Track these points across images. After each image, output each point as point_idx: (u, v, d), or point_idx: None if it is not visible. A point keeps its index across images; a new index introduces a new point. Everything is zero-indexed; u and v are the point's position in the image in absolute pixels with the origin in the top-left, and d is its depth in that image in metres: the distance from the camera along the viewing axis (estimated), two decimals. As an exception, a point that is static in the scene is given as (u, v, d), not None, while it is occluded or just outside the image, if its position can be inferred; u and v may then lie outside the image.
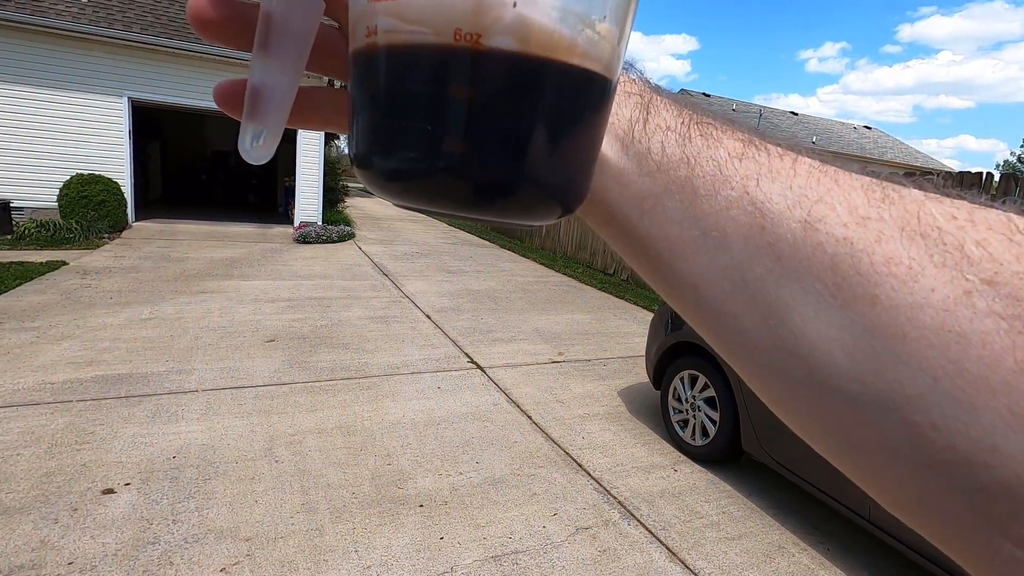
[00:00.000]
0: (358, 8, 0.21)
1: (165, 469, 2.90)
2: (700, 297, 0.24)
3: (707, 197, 0.23)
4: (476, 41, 0.18)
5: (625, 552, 2.62)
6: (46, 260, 7.26)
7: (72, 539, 2.34)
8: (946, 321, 0.18)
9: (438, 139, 0.19)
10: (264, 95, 0.25)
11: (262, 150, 0.26)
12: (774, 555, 2.71)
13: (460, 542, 2.56)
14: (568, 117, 0.20)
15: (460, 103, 0.19)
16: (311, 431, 3.44)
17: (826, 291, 0.20)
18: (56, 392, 3.64)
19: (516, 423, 3.82)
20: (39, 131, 9.56)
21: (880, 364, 0.19)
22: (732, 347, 0.24)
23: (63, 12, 9.38)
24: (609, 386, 4.66)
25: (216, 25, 0.24)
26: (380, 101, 0.20)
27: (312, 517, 2.63)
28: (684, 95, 0.28)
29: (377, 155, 0.21)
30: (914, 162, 26.05)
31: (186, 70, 10.35)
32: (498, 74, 0.19)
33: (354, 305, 6.45)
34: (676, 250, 0.24)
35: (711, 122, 0.25)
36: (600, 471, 3.31)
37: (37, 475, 2.75)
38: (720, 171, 0.24)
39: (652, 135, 0.25)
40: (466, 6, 0.18)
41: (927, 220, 0.20)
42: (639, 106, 0.26)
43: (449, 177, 0.20)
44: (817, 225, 0.21)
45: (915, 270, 0.19)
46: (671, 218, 0.24)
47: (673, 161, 0.24)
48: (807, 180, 0.22)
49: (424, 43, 0.19)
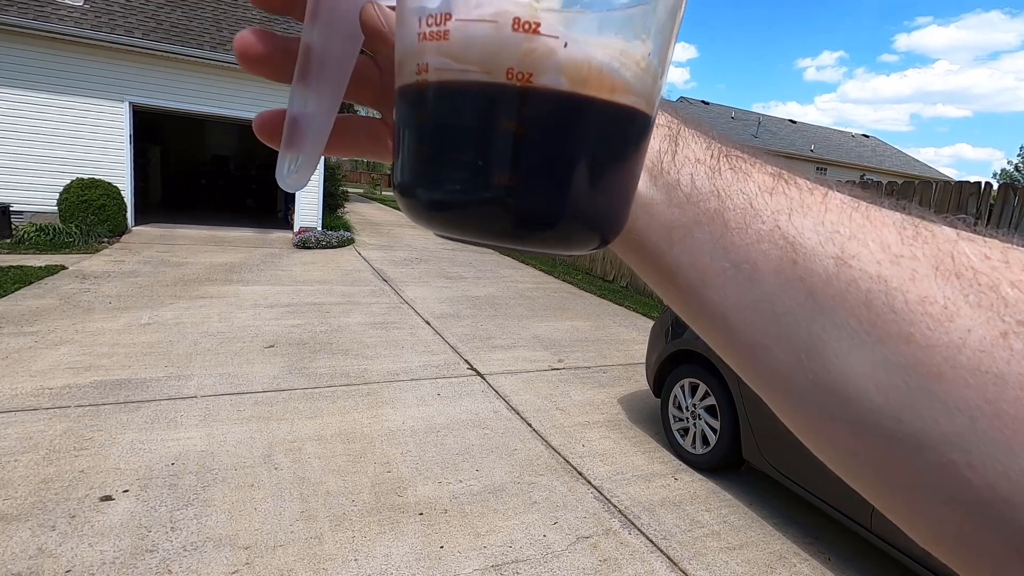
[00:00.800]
0: (407, 45, 0.21)
1: (164, 476, 2.89)
2: (730, 328, 0.24)
3: (738, 230, 0.24)
4: (527, 80, 0.19)
5: (626, 562, 2.60)
6: (45, 264, 7.24)
7: (70, 547, 2.32)
8: (983, 362, 0.18)
9: (487, 173, 0.20)
10: (302, 125, 0.26)
11: (298, 178, 0.27)
12: (775, 565, 2.70)
13: (460, 551, 2.55)
14: (612, 152, 0.21)
15: (510, 139, 0.19)
16: (310, 438, 3.43)
17: (860, 328, 0.20)
18: (54, 397, 3.63)
19: (516, 430, 3.81)
20: (40, 135, 9.57)
21: (916, 402, 0.19)
22: (764, 379, 0.24)
23: (65, 17, 9.42)
24: (609, 393, 4.65)
25: (262, 60, 0.25)
26: (430, 135, 0.21)
27: (311, 525, 2.62)
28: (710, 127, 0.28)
29: (424, 186, 0.21)
30: (912, 171, 26.16)
31: (187, 75, 10.38)
32: (548, 112, 0.19)
33: (354, 311, 6.44)
34: (706, 280, 0.24)
35: (740, 155, 0.26)
36: (600, 479, 3.30)
37: (35, 481, 2.73)
38: (751, 204, 0.24)
39: (681, 167, 0.25)
40: (518, 47, 0.18)
41: (961, 260, 0.20)
42: (667, 137, 0.26)
43: (495, 209, 0.20)
44: (850, 262, 0.21)
45: (950, 310, 0.19)
46: (701, 249, 0.24)
47: (703, 193, 0.25)
48: (839, 216, 0.23)
49: (476, 81, 0.19)
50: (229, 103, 10.86)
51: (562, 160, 0.20)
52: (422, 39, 0.20)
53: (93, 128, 9.93)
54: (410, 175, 0.22)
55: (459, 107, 0.20)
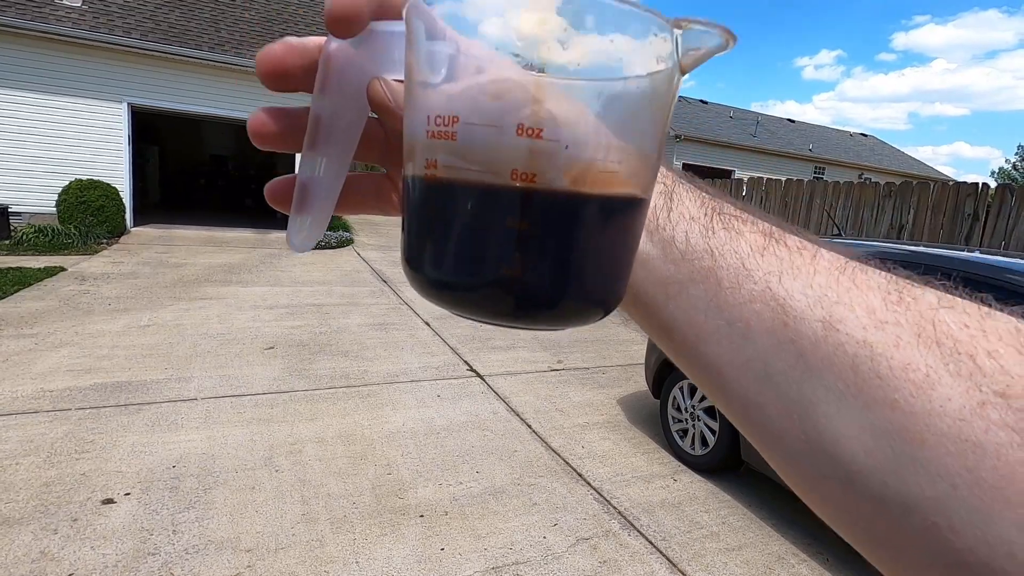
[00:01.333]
0: (416, 138, 0.22)
1: (165, 479, 2.90)
2: (726, 384, 0.25)
3: (731, 289, 0.24)
4: (531, 180, 0.20)
5: (626, 563, 2.62)
6: (44, 266, 7.24)
7: (72, 550, 2.33)
8: (963, 430, 0.19)
9: (493, 264, 0.21)
10: (311, 189, 0.27)
11: (309, 240, 0.28)
12: (774, 566, 2.71)
13: (461, 553, 2.56)
14: (610, 237, 0.22)
15: (514, 234, 0.20)
16: (311, 440, 3.44)
17: (847, 391, 0.21)
18: (55, 400, 3.64)
19: (516, 432, 3.82)
20: (38, 136, 9.56)
21: (900, 466, 0.20)
22: (759, 435, 0.25)
23: (63, 18, 9.41)
24: (608, 394, 4.66)
25: (275, 137, 0.26)
26: (438, 224, 0.22)
27: (313, 527, 2.63)
28: (707, 184, 0.29)
29: (431, 268, 0.22)
30: (910, 170, 26.20)
31: (185, 76, 10.38)
32: (550, 209, 0.20)
33: (353, 312, 6.45)
34: (702, 336, 0.25)
35: (733, 213, 0.27)
36: (600, 481, 3.31)
37: (36, 484, 2.74)
38: (743, 264, 0.25)
39: (676, 224, 0.26)
40: (522, 150, 0.19)
41: (942, 328, 0.21)
42: (663, 194, 0.27)
43: (501, 295, 0.21)
44: (838, 326, 0.22)
45: (932, 378, 0.20)
46: (696, 306, 0.25)
47: (697, 251, 0.26)
48: (827, 279, 0.23)
49: (482, 181, 0.20)
50: (227, 103, 10.86)
51: (563, 251, 0.21)
52: (430, 136, 0.21)
53: (91, 129, 9.93)
54: (418, 256, 0.23)
55: (466, 202, 0.21)
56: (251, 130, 0.26)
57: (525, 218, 0.20)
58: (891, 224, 5.83)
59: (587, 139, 0.20)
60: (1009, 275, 2.47)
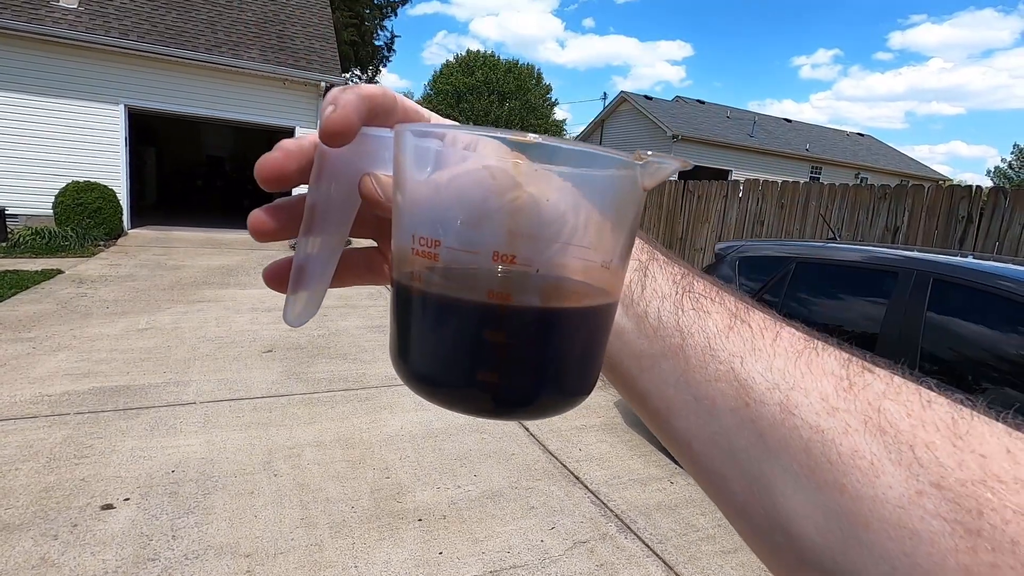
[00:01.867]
0: (402, 251, 0.24)
1: (164, 484, 2.91)
2: (694, 455, 0.27)
3: (698, 367, 0.26)
4: (506, 299, 0.22)
5: (623, 566, 2.64)
6: (41, 268, 7.24)
7: (72, 556, 2.35)
8: (902, 517, 0.21)
9: (471, 370, 0.23)
10: (307, 270, 0.29)
11: (304, 316, 0.30)
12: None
13: (459, 557, 2.58)
14: (583, 341, 0.24)
15: (491, 346, 0.22)
16: (310, 444, 3.46)
17: (802, 472, 0.23)
18: (54, 405, 3.64)
19: (513, 435, 3.84)
20: (35, 138, 9.55)
21: (848, 547, 0.22)
22: (723, 505, 0.27)
23: (60, 20, 9.39)
24: (605, 397, 4.69)
25: (274, 233, 0.29)
26: (420, 330, 0.24)
27: (311, 532, 2.64)
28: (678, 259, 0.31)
29: (413, 364, 0.25)
30: (906, 169, 26.28)
31: (182, 78, 10.37)
32: (524, 322, 0.22)
33: (351, 314, 6.46)
34: (672, 409, 0.27)
35: (702, 292, 0.28)
36: (597, 484, 3.33)
37: (36, 490, 2.75)
38: (709, 344, 0.26)
39: (649, 301, 0.28)
40: (497, 274, 0.22)
41: (885, 417, 0.23)
42: (638, 270, 0.29)
43: (479, 395, 0.23)
44: (793, 411, 0.24)
45: (876, 466, 0.22)
46: (666, 380, 0.27)
47: (668, 328, 0.27)
48: (785, 363, 0.25)
49: (461, 298, 0.23)
50: (224, 105, 10.85)
51: (537, 357, 0.23)
52: (415, 254, 0.23)
53: (88, 131, 9.92)
54: (403, 352, 0.25)
55: (447, 313, 0.23)
56: (251, 228, 0.29)
57: (500, 330, 0.22)
58: (886, 226, 5.87)
59: (558, 261, 0.22)
60: (1000, 281, 2.50)
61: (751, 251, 3.95)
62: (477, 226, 0.22)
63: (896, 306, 2.81)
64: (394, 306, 0.25)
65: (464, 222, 0.22)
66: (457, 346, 0.23)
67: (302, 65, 11.18)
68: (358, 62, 25.55)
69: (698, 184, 8.47)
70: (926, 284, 2.71)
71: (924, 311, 2.67)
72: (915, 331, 2.68)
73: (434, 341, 0.24)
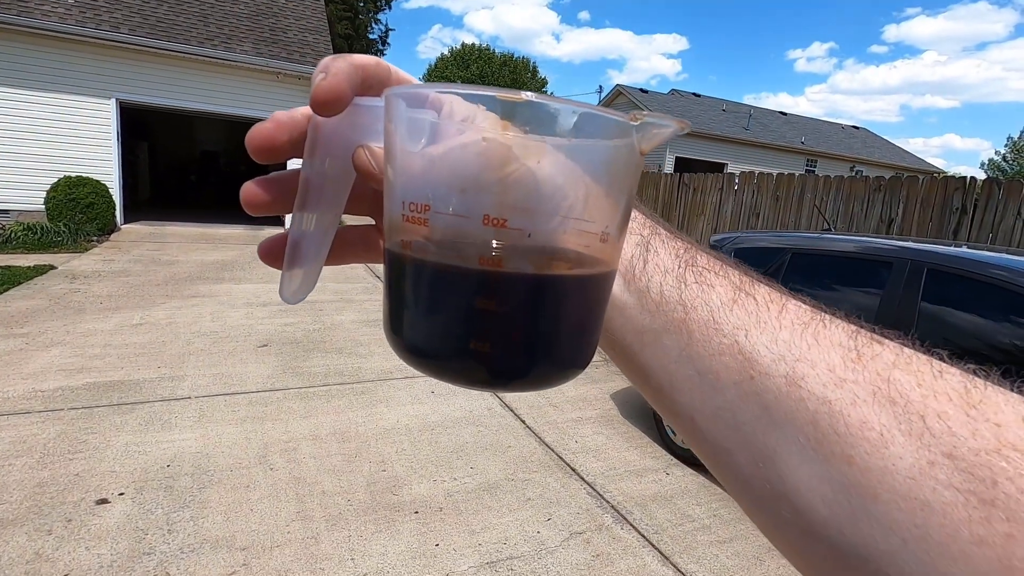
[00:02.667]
0: (393, 219, 0.24)
1: (159, 478, 2.90)
2: (697, 429, 0.26)
3: (702, 341, 0.26)
4: (497, 265, 0.21)
5: (618, 556, 2.65)
6: (34, 264, 7.19)
7: (67, 551, 2.34)
8: (912, 488, 0.20)
9: (463, 339, 0.22)
10: (302, 246, 0.28)
11: (300, 294, 0.30)
12: (764, 557, 2.76)
13: (455, 548, 2.59)
14: (578, 310, 0.24)
15: (482, 313, 0.22)
16: (305, 438, 3.45)
17: (808, 444, 0.22)
18: (47, 400, 3.62)
19: (510, 427, 3.85)
20: (25, 133, 9.45)
21: (855, 519, 0.21)
22: (728, 480, 0.26)
23: (49, 12, 9.28)
24: (601, 389, 4.69)
25: (267, 205, 0.28)
26: (412, 300, 0.24)
27: (308, 525, 2.64)
28: (680, 234, 0.30)
29: (409, 336, 0.24)
30: (901, 162, 26.34)
31: (174, 71, 10.27)
32: (516, 290, 0.22)
33: (347, 309, 6.45)
34: (675, 384, 0.27)
35: (705, 265, 0.28)
36: (593, 475, 3.34)
37: (30, 485, 2.74)
38: (713, 317, 0.26)
39: (651, 276, 0.28)
40: (488, 238, 0.21)
41: (895, 387, 0.22)
42: (639, 245, 0.28)
43: (473, 366, 0.23)
44: (800, 383, 0.23)
45: (885, 437, 0.21)
46: (668, 355, 0.27)
47: (670, 303, 0.27)
48: (791, 335, 0.25)
49: (451, 264, 0.22)
50: (217, 99, 10.77)
51: (531, 326, 0.22)
52: (405, 220, 0.22)
53: (80, 125, 9.82)
54: (396, 323, 0.25)
55: (438, 281, 0.22)
56: (244, 200, 0.28)
57: (492, 298, 0.21)
58: (880, 218, 5.88)
59: (550, 226, 0.22)
60: (993, 270, 2.51)
61: (746, 243, 3.95)
62: (470, 194, 0.21)
63: (890, 296, 2.82)
64: (386, 277, 0.25)
65: (457, 191, 0.22)
66: (448, 315, 0.22)
67: (295, 58, 11.09)
68: (352, 56, 25.34)
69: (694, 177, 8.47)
70: (920, 274, 2.72)
71: (918, 301, 2.68)
72: (909, 321, 2.69)
73: (425, 310, 0.23)
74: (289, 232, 0.28)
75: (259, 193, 0.28)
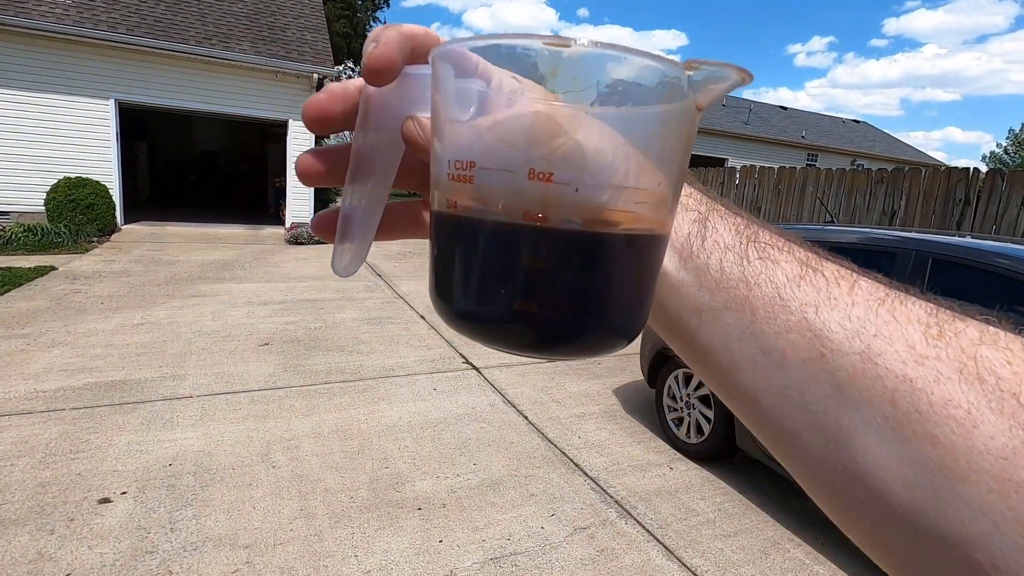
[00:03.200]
0: (439, 179, 0.23)
1: (162, 477, 2.90)
2: (760, 410, 0.25)
3: (766, 319, 0.25)
4: (543, 221, 0.21)
5: (623, 551, 2.64)
6: (35, 265, 7.18)
7: (69, 550, 2.33)
8: (1005, 469, 0.19)
9: (509, 300, 0.22)
10: (353, 220, 0.29)
11: (351, 266, 0.30)
12: (769, 551, 2.74)
13: (459, 545, 2.58)
14: (628, 273, 0.22)
15: (528, 271, 0.21)
16: (307, 435, 3.44)
17: (886, 424, 0.21)
18: (48, 400, 3.62)
19: (512, 423, 3.84)
20: (24, 134, 9.44)
21: (940, 502, 0.20)
22: (795, 464, 0.25)
23: (46, 13, 9.26)
24: (604, 384, 4.68)
25: (321, 176, 0.29)
26: (458, 261, 0.23)
27: (310, 522, 2.63)
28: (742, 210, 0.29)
29: (452, 299, 0.24)
30: (902, 155, 26.26)
31: (173, 71, 10.25)
32: (562, 248, 0.21)
33: (348, 307, 6.44)
34: (736, 364, 0.25)
35: (768, 241, 0.26)
36: (597, 470, 3.33)
37: (32, 485, 2.73)
38: (779, 294, 0.25)
39: (711, 252, 0.26)
40: (533, 193, 0.20)
41: (984, 364, 0.21)
42: (697, 222, 0.27)
43: (519, 330, 0.22)
44: (876, 359, 0.22)
45: (974, 415, 0.20)
46: (730, 334, 0.25)
47: (732, 280, 0.26)
48: (865, 311, 0.23)
49: (497, 221, 0.21)
50: (216, 98, 10.75)
51: (578, 287, 0.21)
52: (451, 179, 0.22)
53: (79, 126, 9.81)
54: (441, 288, 0.24)
55: (483, 241, 0.22)
56: (299, 171, 0.29)
57: (537, 256, 0.21)
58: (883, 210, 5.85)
59: (599, 181, 0.21)
60: (998, 259, 2.49)
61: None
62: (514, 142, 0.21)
63: (895, 287, 2.80)
64: (432, 241, 0.25)
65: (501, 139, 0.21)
66: (494, 273, 0.22)
67: (294, 57, 11.06)
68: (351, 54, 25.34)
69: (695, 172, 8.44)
70: (925, 264, 2.70)
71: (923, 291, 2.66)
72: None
73: (470, 270, 0.23)
74: (341, 206, 0.29)
75: (314, 164, 0.29)
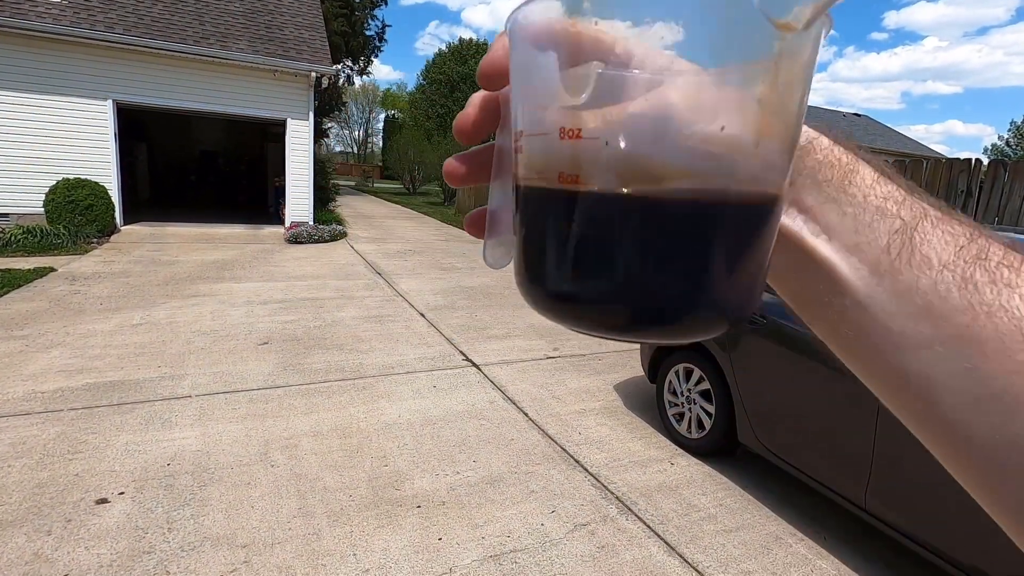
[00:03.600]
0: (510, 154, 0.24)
1: (159, 477, 2.88)
2: (987, 461, 0.22)
3: (998, 356, 0.21)
4: (575, 182, 0.20)
5: (624, 547, 2.62)
6: (34, 267, 7.17)
7: (66, 551, 2.32)
8: None
9: (559, 270, 0.21)
10: (501, 215, 0.30)
11: (502, 259, 0.32)
12: (771, 546, 2.72)
13: (459, 542, 2.56)
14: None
15: (566, 238, 0.20)
16: (306, 434, 3.42)
17: None
18: (47, 401, 3.61)
19: (512, 420, 3.82)
20: (22, 136, 9.43)
21: None
22: (1016, 513, 0.22)
23: (43, 14, 9.24)
24: (605, 380, 4.66)
25: (467, 177, 0.31)
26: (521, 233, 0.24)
27: (309, 521, 2.62)
28: (963, 216, 0.25)
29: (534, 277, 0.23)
30: (904, 148, 26.18)
31: (171, 71, 10.23)
32: (601, 211, 0.19)
33: (347, 305, 6.42)
34: (953, 405, 0.22)
35: (1003, 259, 0.22)
36: (597, 467, 3.31)
37: (29, 486, 2.72)
38: (1019, 328, 0.21)
39: (919, 270, 0.22)
40: (565, 153, 0.20)
41: None
42: (899, 232, 0.23)
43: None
44: None
45: None
46: (945, 370, 0.22)
47: (950, 307, 0.22)
48: None
49: (538, 187, 0.22)
50: (214, 98, 10.72)
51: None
52: (515, 152, 0.23)
53: (77, 127, 9.80)
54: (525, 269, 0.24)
55: (533, 210, 0.22)
56: (446, 174, 0.31)
57: (572, 221, 0.20)
58: (884, 203, 5.83)
59: (636, 134, 0.19)
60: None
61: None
62: (550, 112, 0.20)
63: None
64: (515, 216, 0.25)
65: (538, 111, 0.21)
66: (546, 242, 0.21)
67: (292, 56, 11.03)
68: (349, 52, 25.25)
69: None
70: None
71: None
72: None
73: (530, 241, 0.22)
74: (489, 203, 0.31)
75: (457, 167, 0.31)
